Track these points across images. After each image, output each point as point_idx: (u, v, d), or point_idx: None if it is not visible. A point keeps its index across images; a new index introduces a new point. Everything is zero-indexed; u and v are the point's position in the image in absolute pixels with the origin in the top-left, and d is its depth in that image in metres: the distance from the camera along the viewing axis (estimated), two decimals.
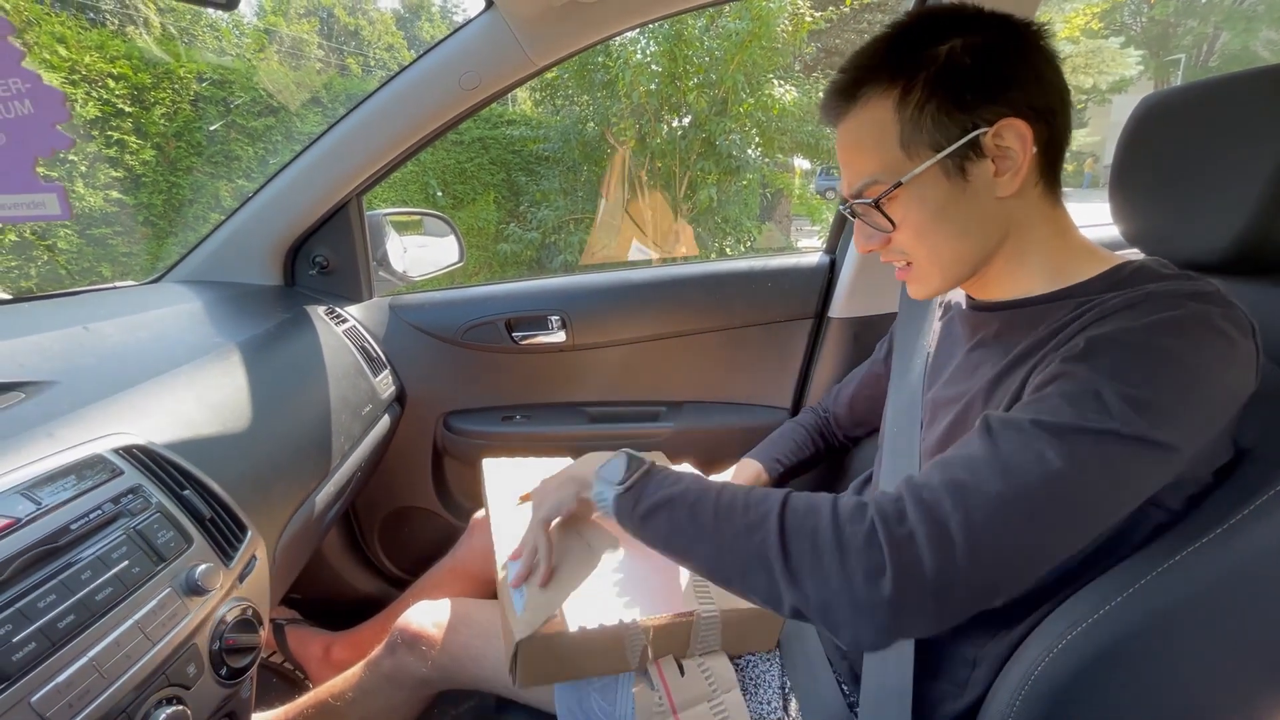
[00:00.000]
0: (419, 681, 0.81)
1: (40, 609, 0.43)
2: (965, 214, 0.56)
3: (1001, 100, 0.52)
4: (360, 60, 16.99)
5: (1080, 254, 0.58)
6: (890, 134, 0.55)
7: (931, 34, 0.54)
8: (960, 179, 0.54)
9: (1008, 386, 0.54)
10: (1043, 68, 0.54)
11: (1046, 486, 0.43)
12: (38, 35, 4.44)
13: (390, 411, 1.18)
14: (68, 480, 0.51)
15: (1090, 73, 12.79)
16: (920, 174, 0.54)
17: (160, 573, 0.52)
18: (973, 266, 0.59)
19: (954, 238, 0.57)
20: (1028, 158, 0.53)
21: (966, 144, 0.53)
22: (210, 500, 0.62)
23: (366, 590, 1.37)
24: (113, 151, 4.77)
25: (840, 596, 0.45)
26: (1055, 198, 0.58)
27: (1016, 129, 0.52)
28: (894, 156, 0.55)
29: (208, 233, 1.16)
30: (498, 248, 6.44)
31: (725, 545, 0.51)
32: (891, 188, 0.55)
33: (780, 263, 1.27)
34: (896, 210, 0.57)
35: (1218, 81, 0.61)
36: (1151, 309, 0.47)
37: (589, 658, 0.65)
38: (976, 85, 0.52)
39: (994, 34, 0.53)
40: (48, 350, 0.68)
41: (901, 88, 0.54)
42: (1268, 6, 14.22)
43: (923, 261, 0.60)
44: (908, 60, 0.54)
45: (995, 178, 0.54)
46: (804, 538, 0.48)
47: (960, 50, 0.52)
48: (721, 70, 5.63)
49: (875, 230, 0.60)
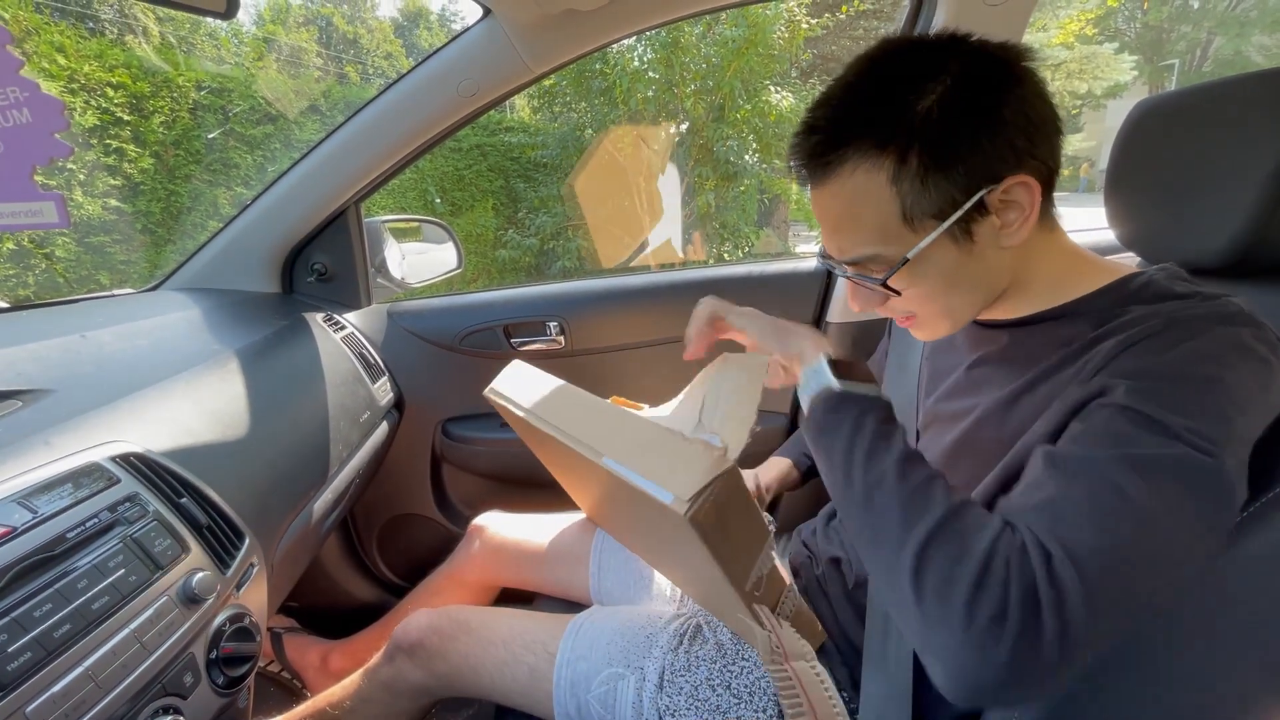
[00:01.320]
0: (417, 690, 0.81)
1: (36, 618, 0.43)
2: (975, 272, 0.54)
3: (1003, 154, 0.49)
4: (359, 68, 17.05)
5: (1080, 266, 0.57)
6: (889, 208, 0.51)
7: (907, 82, 0.50)
8: (968, 241, 0.52)
9: (1025, 409, 0.53)
10: (1032, 101, 0.50)
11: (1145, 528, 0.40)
12: (37, 44, 4.46)
13: (388, 418, 1.18)
14: (64, 488, 0.51)
15: (1085, 78, 12.86)
16: (927, 245, 0.51)
17: (157, 581, 0.52)
18: (981, 310, 0.59)
19: (965, 294, 0.56)
20: (1036, 208, 0.51)
21: (970, 208, 0.50)
22: (207, 508, 0.62)
23: (364, 598, 1.36)
24: (111, 160, 4.78)
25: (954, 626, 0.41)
26: (1052, 220, 0.57)
27: (1026, 185, 0.50)
28: (896, 231, 0.52)
29: (206, 240, 1.16)
30: (496, 254, 6.45)
31: (873, 502, 0.48)
32: (899, 265, 0.52)
33: (778, 268, 1.28)
34: (902, 281, 0.54)
35: (1212, 86, 0.62)
36: (1180, 336, 0.46)
37: (749, 523, 0.55)
38: (973, 142, 0.49)
39: (974, 76, 0.49)
40: (45, 358, 0.68)
41: (895, 157, 0.49)
42: (1260, 12, 14.33)
43: (930, 318, 0.59)
44: (893, 122, 0.49)
45: (1001, 230, 0.52)
46: (952, 546, 0.43)
47: (947, 102, 0.48)
48: (718, 77, 5.66)
49: (874, 293, 0.57)
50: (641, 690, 0.69)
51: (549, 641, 0.76)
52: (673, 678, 0.69)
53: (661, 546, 0.69)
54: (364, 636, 1.15)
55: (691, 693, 0.68)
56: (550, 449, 0.72)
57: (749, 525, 0.53)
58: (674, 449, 0.52)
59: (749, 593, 0.55)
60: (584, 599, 0.94)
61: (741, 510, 0.52)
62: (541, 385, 0.71)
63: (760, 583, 0.56)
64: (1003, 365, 0.59)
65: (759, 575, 0.56)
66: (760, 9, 5.44)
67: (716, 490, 0.48)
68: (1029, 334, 0.58)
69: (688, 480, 0.48)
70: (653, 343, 1.27)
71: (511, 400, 0.71)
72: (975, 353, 0.64)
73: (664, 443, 0.53)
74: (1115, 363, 0.47)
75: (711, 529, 0.48)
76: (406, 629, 0.82)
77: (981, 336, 0.64)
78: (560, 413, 0.64)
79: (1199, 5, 16.01)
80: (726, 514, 0.50)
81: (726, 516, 0.50)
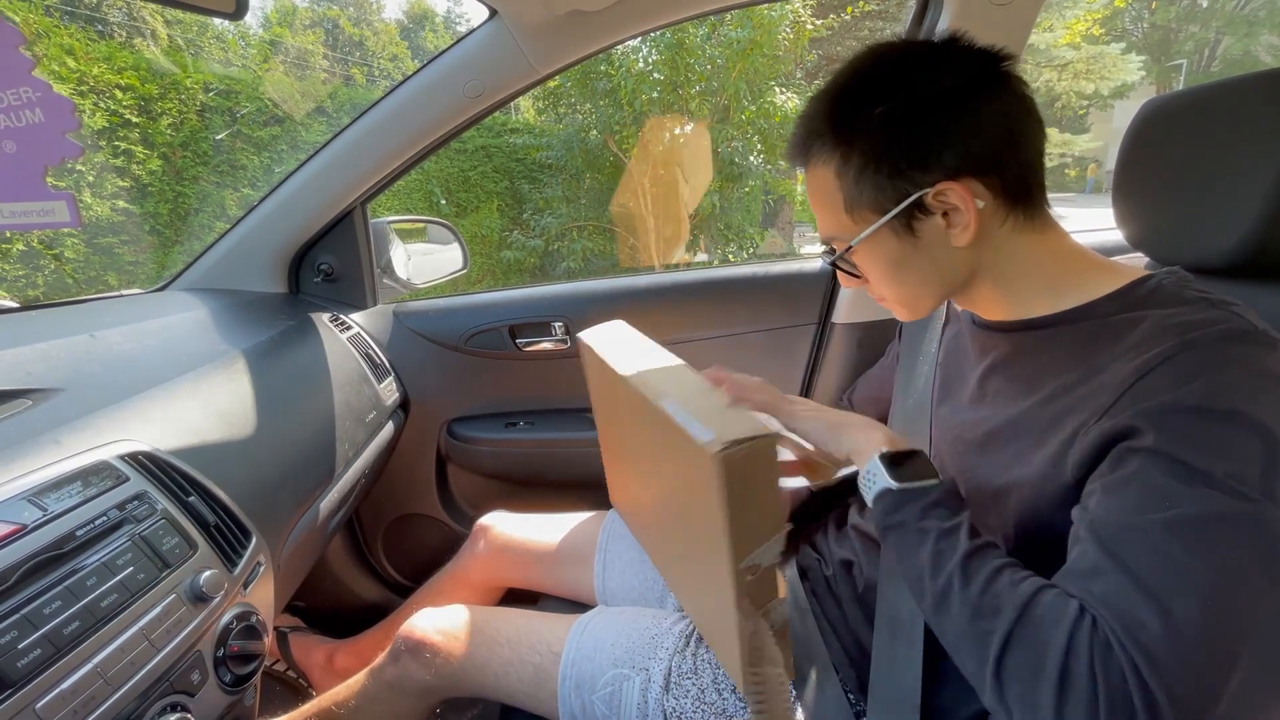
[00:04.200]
0: (422, 689, 0.81)
1: (45, 615, 0.43)
2: (924, 265, 0.58)
3: (935, 165, 0.52)
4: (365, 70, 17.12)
5: (1083, 270, 0.56)
6: (836, 199, 0.57)
7: (872, 92, 0.54)
8: (910, 236, 0.56)
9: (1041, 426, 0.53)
10: (987, 113, 0.52)
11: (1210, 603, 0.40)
12: (47, 47, 4.50)
13: (394, 418, 1.19)
14: (73, 487, 0.51)
15: (1092, 78, 12.79)
16: (869, 236, 0.56)
17: (165, 579, 0.52)
18: (945, 298, 0.62)
19: (918, 285, 0.60)
20: (974, 214, 0.53)
21: (909, 206, 0.54)
22: (215, 507, 0.62)
23: (370, 598, 1.36)
24: (120, 161, 4.82)
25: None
26: (1037, 223, 0.56)
27: (955, 190, 0.52)
28: (841, 220, 0.58)
29: (213, 241, 1.16)
30: (501, 255, 6.46)
31: (948, 611, 0.49)
32: (846, 249, 0.59)
33: (783, 269, 1.28)
34: (860, 264, 0.61)
35: (1220, 85, 0.61)
36: (1198, 363, 0.45)
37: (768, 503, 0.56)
38: (909, 152, 0.53)
39: (934, 88, 0.52)
40: (54, 358, 0.68)
41: (840, 155, 0.55)
42: (1269, 11, 14.24)
43: (893, 301, 0.63)
44: (847, 124, 0.55)
45: (947, 230, 0.54)
46: (1027, 665, 0.43)
47: (897, 113, 0.52)
48: (723, 78, 5.66)
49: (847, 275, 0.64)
50: (647, 692, 0.69)
51: (554, 642, 0.76)
52: (679, 680, 0.69)
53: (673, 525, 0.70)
54: (369, 636, 1.15)
55: (698, 695, 0.68)
56: (613, 402, 0.80)
57: (768, 505, 0.55)
58: (726, 408, 0.57)
59: (741, 573, 0.56)
60: (589, 599, 0.94)
61: (766, 485, 0.54)
62: (629, 341, 0.80)
63: (756, 571, 0.57)
64: (1016, 378, 0.59)
65: (758, 563, 0.57)
66: (765, 10, 5.43)
67: (753, 450, 0.51)
68: (1037, 340, 0.57)
69: (730, 429, 0.52)
70: (657, 344, 1.27)
71: (597, 346, 0.79)
72: (985, 359, 0.63)
73: (719, 401, 0.58)
74: (1134, 391, 0.46)
75: (735, 480, 0.51)
76: (411, 628, 0.82)
77: (988, 341, 0.63)
78: (637, 363, 0.70)
79: (1207, 5, 15.92)
80: (752, 477, 0.52)
81: (751, 480, 0.52)
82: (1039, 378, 0.55)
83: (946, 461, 0.65)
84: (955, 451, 0.64)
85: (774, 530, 0.56)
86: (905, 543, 0.54)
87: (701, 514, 0.58)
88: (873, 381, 0.96)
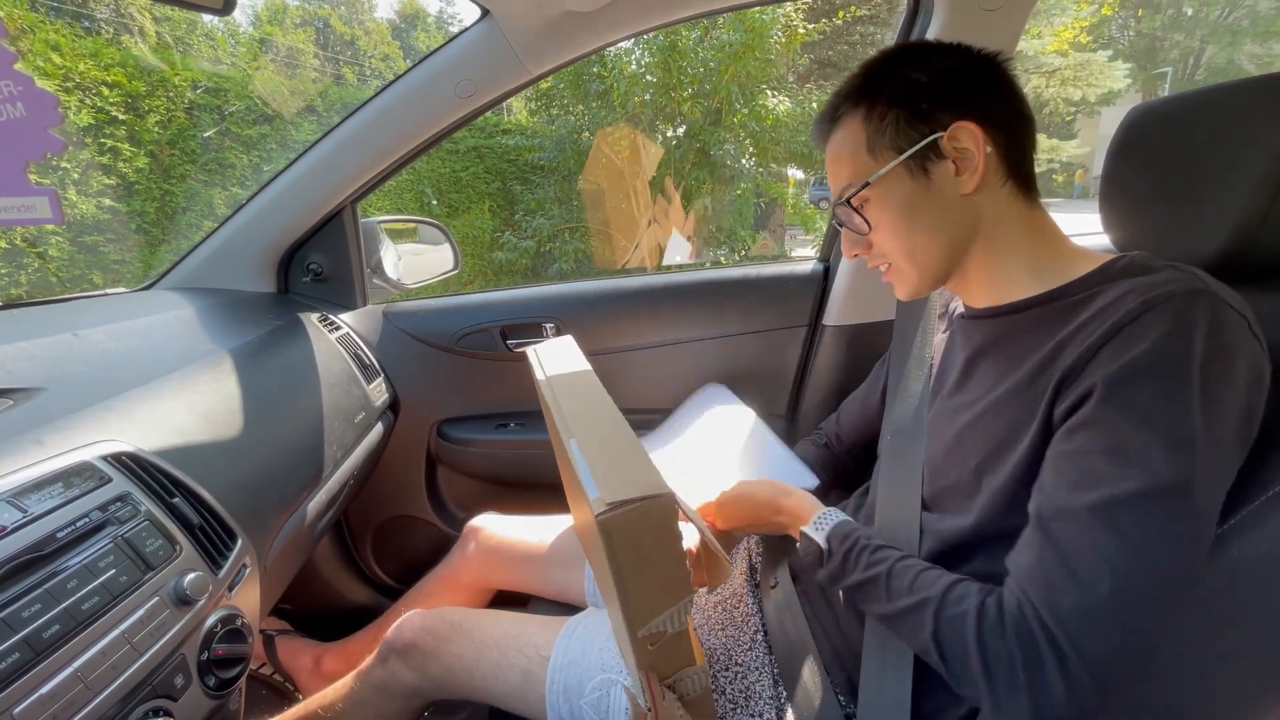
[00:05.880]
0: (410, 692, 0.80)
1: (25, 618, 0.43)
2: (932, 210, 0.60)
3: (955, 107, 0.58)
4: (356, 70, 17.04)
5: (1064, 255, 0.60)
6: (860, 143, 0.62)
7: (902, 65, 0.61)
8: (923, 178, 0.60)
9: (1022, 404, 0.56)
10: (998, 85, 0.60)
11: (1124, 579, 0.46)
12: (32, 43, 4.44)
13: (383, 419, 1.18)
14: (55, 487, 0.50)
15: (1079, 85, 12.94)
16: (886, 174, 0.60)
17: (148, 581, 0.51)
18: (948, 262, 0.63)
19: (925, 232, 0.62)
20: (983, 156, 0.57)
21: (926, 146, 0.58)
22: (200, 508, 0.61)
23: (358, 600, 1.35)
24: (106, 159, 4.76)
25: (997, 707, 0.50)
26: (1029, 198, 0.61)
27: (969, 130, 0.57)
28: (863, 161, 0.62)
29: (201, 240, 1.15)
30: (493, 256, 6.44)
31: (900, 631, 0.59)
32: (861, 187, 0.62)
33: (775, 270, 1.28)
34: (871, 211, 0.63)
35: (1205, 92, 0.62)
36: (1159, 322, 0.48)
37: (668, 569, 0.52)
38: (932, 97, 0.59)
39: (954, 61, 0.60)
40: (36, 357, 0.67)
41: (868, 102, 0.61)
42: (1251, 21, 14.47)
43: (900, 260, 0.64)
44: (877, 83, 0.62)
45: (957, 176, 0.59)
46: (956, 653, 0.52)
47: (923, 75, 0.59)
48: (716, 81, 5.68)
49: (857, 234, 0.66)
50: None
51: (543, 644, 0.76)
52: None
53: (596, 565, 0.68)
54: (357, 639, 1.14)
55: None
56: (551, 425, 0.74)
57: (668, 570, 0.51)
58: (632, 461, 0.51)
59: (641, 641, 0.52)
60: (579, 602, 0.94)
61: (664, 550, 0.50)
62: (572, 363, 0.75)
63: (660, 640, 0.53)
64: (999, 359, 0.61)
65: (660, 630, 0.52)
66: (757, 14, 5.46)
67: (642, 514, 0.46)
68: (1018, 322, 0.60)
69: (621, 488, 0.47)
70: (649, 345, 1.27)
71: (541, 365, 0.76)
72: (969, 346, 0.66)
73: (628, 452, 0.52)
74: (1101, 355, 0.50)
75: (621, 546, 0.47)
76: (400, 630, 0.81)
77: (974, 328, 0.66)
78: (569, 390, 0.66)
79: (1192, 14, 16.16)
80: (645, 542, 0.48)
81: (645, 544, 0.48)
82: (1019, 357, 0.58)
83: (936, 451, 0.66)
84: (944, 438, 0.65)
85: (678, 596, 0.52)
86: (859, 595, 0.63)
87: (603, 570, 0.53)
88: (859, 400, 0.96)
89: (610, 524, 0.46)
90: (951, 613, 0.53)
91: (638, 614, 0.51)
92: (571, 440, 0.54)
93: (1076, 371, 0.51)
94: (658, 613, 0.52)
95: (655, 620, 0.52)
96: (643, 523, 0.47)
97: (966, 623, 0.51)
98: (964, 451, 0.61)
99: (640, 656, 0.53)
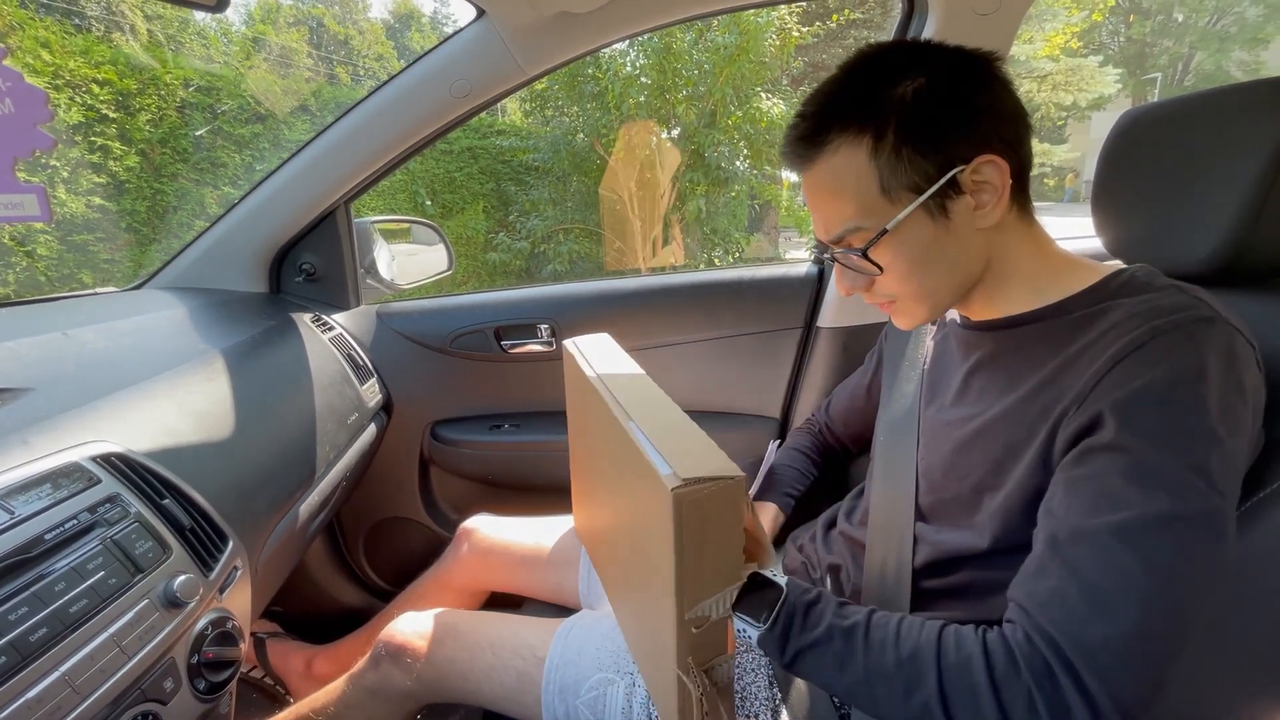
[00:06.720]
0: (403, 695, 0.80)
1: (11, 622, 0.42)
2: (951, 251, 0.56)
3: (974, 136, 0.53)
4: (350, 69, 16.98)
5: (1062, 268, 0.59)
6: (869, 181, 0.54)
7: (886, 74, 0.54)
8: (943, 218, 0.54)
9: (1021, 423, 0.55)
10: (1002, 96, 0.54)
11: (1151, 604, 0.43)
12: (21, 40, 4.40)
13: (376, 420, 1.17)
14: (43, 489, 0.50)
15: (1070, 90, 13.04)
16: (904, 218, 0.54)
17: (138, 584, 0.51)
18: (958, 296, 0.60)
19: (941, 274, 0.58)
20: (1006, 189, 0.54)
21: (946, 183, 0.53)
22: (190, 510, 0.61)
23: (350, 603, 1.34)
24: (96, 157, 4.72)
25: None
26: (1029, 216, 0.59)
27: (996, 165, 0.53)
28: (875, 203, 0.55)
29: (192, 239, 1.14)
30: (486, 257, 6.43)
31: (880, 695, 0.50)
32: (878, 235, 0.55)
33: (769, 272, 1.28)
34: (882, 255, 0.56)
35: (1194, 98, 0.63)
36: (1163, 351, 0.47)
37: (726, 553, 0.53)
38: (946, 124, 0.53)
39: (948, 69, 0.53)
40: (24, 356, 0.66)
41: (873, 133, 0.53)
42: (1239, 28, 14.65)
43: (908, 299, 0.60)
44: (872, 104, 0.53)
45: (975, 211, 0.54)
46: (966, 704, 0.46)
47: (922, 89, 0.52)
48: (710, 83, 5.69)
49: (859, 274, 0.60)
50: (632, 696, 0.68)
51: (538, 646, 0.75)
52: None
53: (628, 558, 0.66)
54: (349, 641, 1.14)
55: None
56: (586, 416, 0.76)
57: (726, 553, 0.52)
58: (698, 444, 0.52)
59: (686, 624, 0.52)
60: (573, 603, 0.94)
61: (726, 532, 0.51)
62: (614, 356, 0.76)
63: (703, 623, 0.53)
64: (999, 373, 0.60)
65: (706, 614, 0.53)
66: (752, 16, 5.48)
67: (714, 493, 0.47)
68: (1019, 337, 0.59)
69: (695, 465, 0.48)
70: (644, 347, 1.27)
71: (580, 355, 0.76)
72: (969, 359, 0.65)
73: (693, 436, 0.54)
74: (1108, 380, 0.48)
75: (690, 521, 0.47)
76: (392, 633, 0.81)
77: (973, 340, 0.65)
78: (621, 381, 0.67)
79: (1181, 21, 16.34)
80: (711, 520, 0.49)
81: (710, 523, 0.49)
82: (1021, 374, 0.57)
83: (933, 462, 0.66)
84: (942, 451, 0.64)
85: (729, 581, 0.52)
86: (815, 663, 0.54)
87: (654, 552, 0.53)
88: (848, 391, 0.97)
89: (683, 498, 0.46)
90: (954, 659, 0.48)
91: (690, 593, 0.51)
92: (630, 423, 0.55)
93: (1081, 397, 0.49)
94: (708, 595, 0.52)
95: (704, 603, 0.52)
96: (712, 502, 0.48)
97: (974, 667, 0.47)
98: (963, 467, 0.61)
99: (682, 639, 0.53)
